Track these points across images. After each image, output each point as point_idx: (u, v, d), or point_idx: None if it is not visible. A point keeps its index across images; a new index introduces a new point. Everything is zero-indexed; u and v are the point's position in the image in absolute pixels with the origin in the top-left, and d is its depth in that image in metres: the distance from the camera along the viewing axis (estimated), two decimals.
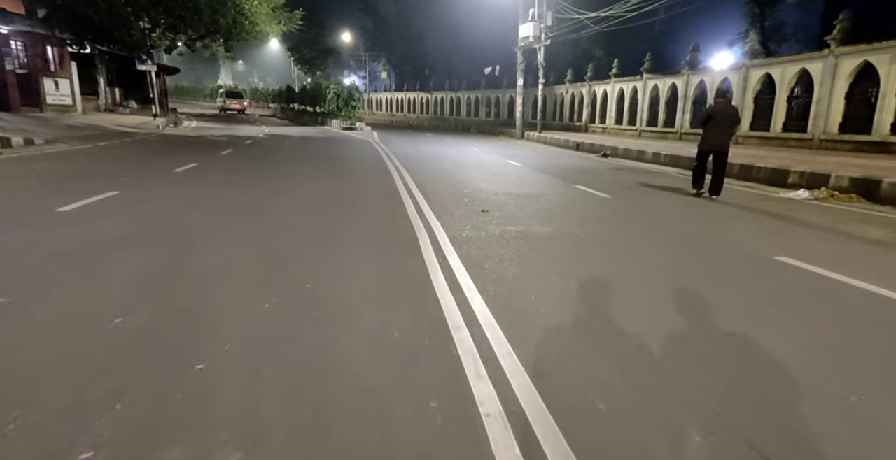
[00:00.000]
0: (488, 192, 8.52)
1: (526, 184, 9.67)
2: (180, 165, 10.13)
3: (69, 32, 17.60)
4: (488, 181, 9.88)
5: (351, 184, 9.11)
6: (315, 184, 8.81)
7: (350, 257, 4.56)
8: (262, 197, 7.40)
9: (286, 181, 9.05)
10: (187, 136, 18.32)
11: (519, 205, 7.41)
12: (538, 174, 11.36)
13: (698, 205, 7.94)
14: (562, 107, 26.33)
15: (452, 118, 40.26)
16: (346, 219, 6.22)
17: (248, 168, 10.67)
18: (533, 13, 21.51)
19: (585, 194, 8.68)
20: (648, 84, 18.66)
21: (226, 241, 4.95)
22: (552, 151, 18.02)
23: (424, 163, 12.67)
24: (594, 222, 6.58)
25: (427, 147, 18.35)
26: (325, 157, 13.58)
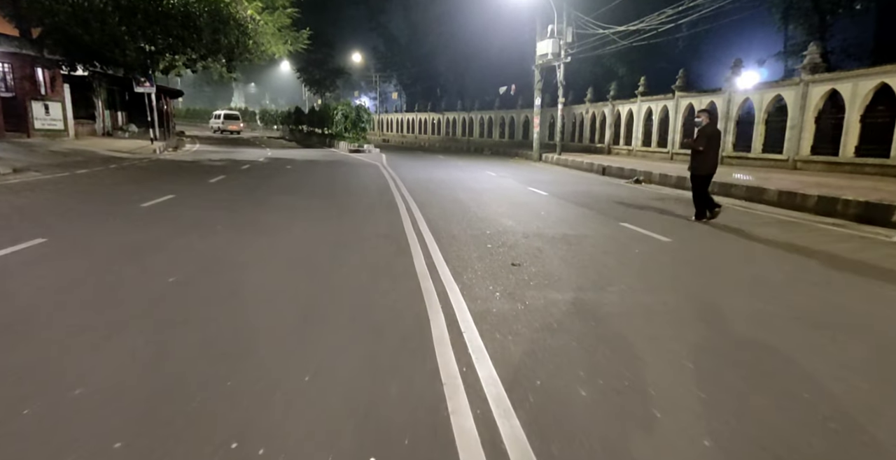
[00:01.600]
0: (515, 233, 6.94)
1: (559, 222, 8.08)
2: (153, 197, 8.70)
3: (59, 53, 16.58)
4: (513, 216, 8.31)
5: (348, 221, 7.59)
6: (305, 223, 7.30)
7: (319, 362, 2.98)
8: (233, 243, 5.89)
9: (273, 218, 7.56)
10: (182, 161, 17.07)
11: (558, 255, 5.82)
12: (570, 206, 9.77)
13: (793, 259, 6.28)
14: (581, 127, 24.85)
15: (465, 139, 39.01)
16: (334, 278, 4.66)
17: (233, 200, 9.21)
18: (552, 30, 20.23)
19: (638, 236, 7.05)
20: (681, 103, 17.06)
21: (138, 336, 3.40)
22: (576, 176, 16.47)
23: (436, 193, 11.17)
24: (669, 284, 4.94)
25: (439, 171, 16.90)
26: (326, 185, 12.14)
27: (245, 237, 6.21)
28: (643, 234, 7.05)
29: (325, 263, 5.19)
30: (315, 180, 13.20)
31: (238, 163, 16.93)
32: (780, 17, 24.27)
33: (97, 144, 18.73)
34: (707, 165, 7.72)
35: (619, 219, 8.22)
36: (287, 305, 3.95)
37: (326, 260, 5.32)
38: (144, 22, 17.08)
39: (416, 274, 4.86)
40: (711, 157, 7.67)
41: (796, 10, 23.27)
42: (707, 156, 7.66)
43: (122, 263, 4.92)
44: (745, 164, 13.93)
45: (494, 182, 14.05)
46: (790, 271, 5.47)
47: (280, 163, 18.35)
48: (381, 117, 54.34)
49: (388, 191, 11.16)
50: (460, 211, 8.75)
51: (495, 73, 38.49)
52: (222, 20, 18.86)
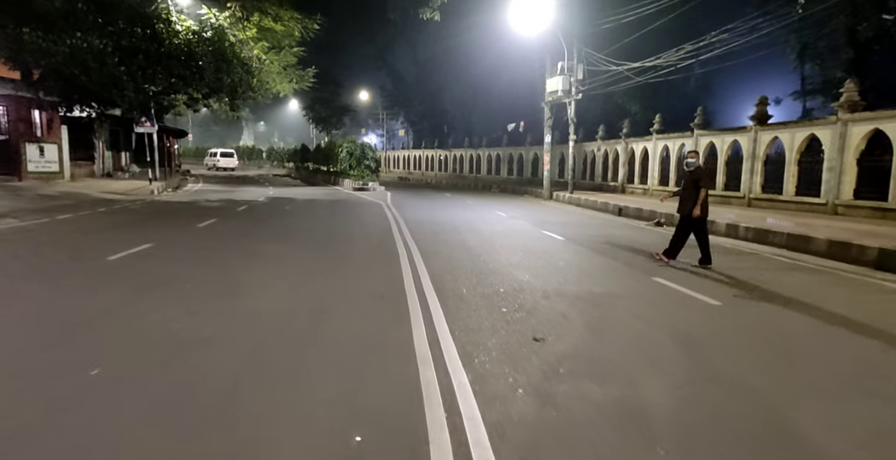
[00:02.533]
0: (533, 291, 5.95)
1: (582, 275, 7.09)
2: (128, 247, 7.82)
3: (55, 95, 16.20)
4: (529, 268, 7.33)
5: (342, 276, 6.64)
6: (292, 279, 6.35)
7: None
8: (199, 311, 4.93)
9: (255, 274, 6.63)
10: (177, 203, 16.37)
11: (589, 323, 4.80)
12: (591, 255, 8.79)
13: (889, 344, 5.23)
14: (593, 165, 24.13)
15: (472, 176, 38.47)
16: (310, 364, 3.67)
17: (216, 250, 8.32)
18: (561, 66, 19.77)
19: (679, 297, 6.02)
20: (701, 141, 16.19)
21: None
22: (590, 217, 15.54)
23: (442, 237, 10.25)
24: (742, 375, 3.89)
25: (445, 211, 16.05)
26: (323, 230, 11.27)
27: (216, 302, 5.26)
28: (684, 294, 6.01)
29: (304, 339, 4.20)
30: (312, 223, 12.36)
31: (235, 204, 16.19)
32: (796, 56, 23.84)
33: (93, 186, 18.13)
34: (706, 209, 7.52)
35: (649, 273, 7.21)
36: (240, 417, 2.95)
37: (305, 333, 4.34)
38: (145, 62, 16.74)
39: (413, 354, 3.87)
40: (705, 199, 7.47)
41: (812, 50, 22.88)
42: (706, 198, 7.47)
43: (47, 343, 3.96)
44: (777, 207, 12.90)
45: (505, 224, 13.14)
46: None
47: (279, 203, 17.61)
48: (388, 154, 54.26)
49: (390, 235, 10.25)
50: (469, 261, 7.79)
51: (503, 109, 38.29)
52: (225, 59, 18.58)
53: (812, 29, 20.48)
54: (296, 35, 23.30)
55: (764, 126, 13.76)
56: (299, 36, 23.62)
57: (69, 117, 18.74)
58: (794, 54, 23.81)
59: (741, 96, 28.24)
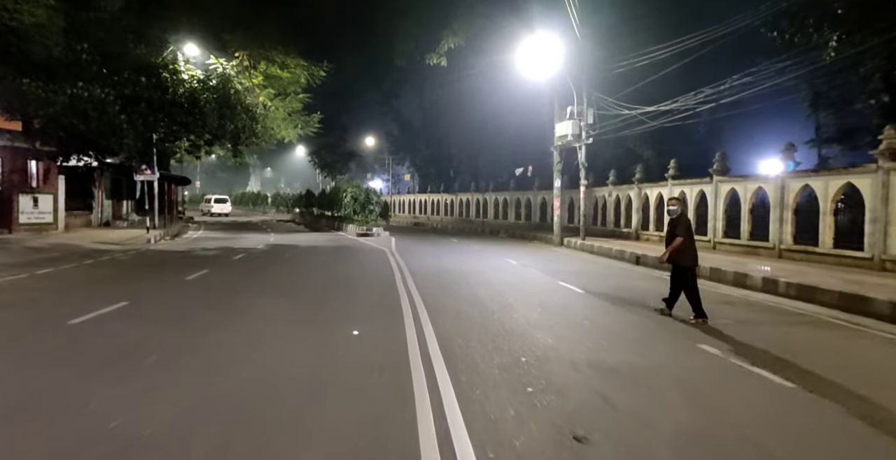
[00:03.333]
0: (561, 362, 5.01)
1: (614, 339, 6.14)
2: (98, 307, 6.97)
3: (52, 144, 15.85)
4: (550, 329, 6.40)
5: (336, 341, 5.73)
6: (277, 346, 5.45)
7: None
8: (154, 394, 4.02)
9: (235, 338, 5.74)
10: (171, 252, 15.65)
11: (639, 413, 3.84)
12: (617, 312, 7.85)
13: None
14: (604, 211, 23.40)
15: (479, 220, 37.82)
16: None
17: (199, 308, 7.45)
18: (571, 111, 19.41)
19: (737, 373, 5.00)
20: (721, 188, 15.33)
21: None
22: (606, 266, 14.63)
23: (450, 289, 9.36)
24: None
25: (452, 258, 15.20)
26: (321, 281, 10.41)
27: (178, 381, 4.35)
28: (745, 370, 4.98)
29: (278, 440, 3.27)
30: (311, 273, 11.52)
31: (232, 253, 15.43)
32: (809, 104, 23.51)
33: (87, 236, 17.51)
34: (692, 257, 7.17)
35: (690, 337, 6.23)
36: None
37: (282, 431, 3.41)
38: (148, 110, 16.46)
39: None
40: (692, 247, 7.18)
41: (825, 99, 22.59)
42: (690, 246, 7.15)
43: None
44: (813, 260, 11.85)
45: (517, 273, 12.24)
46: None
47: (279, 250, 16.86)
48: (394, 198, 54.05)
49: (394, 287, 9.37)
50: (481, 318, 6.88)
51: (511, 153, 38.11)
52: (229, 106, 18.36)
53: (824, 78, 20.22)
54: (302, 82, 23.39)
55: (793, 173, 12.87)
56: (305, 83, 23.72)
57: (68, 166, 18.34)
58: (807, 102, 23.48)
59: (752, 144, 27.75)
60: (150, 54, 17.10)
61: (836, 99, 22.41)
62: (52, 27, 13.07)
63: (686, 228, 7.20)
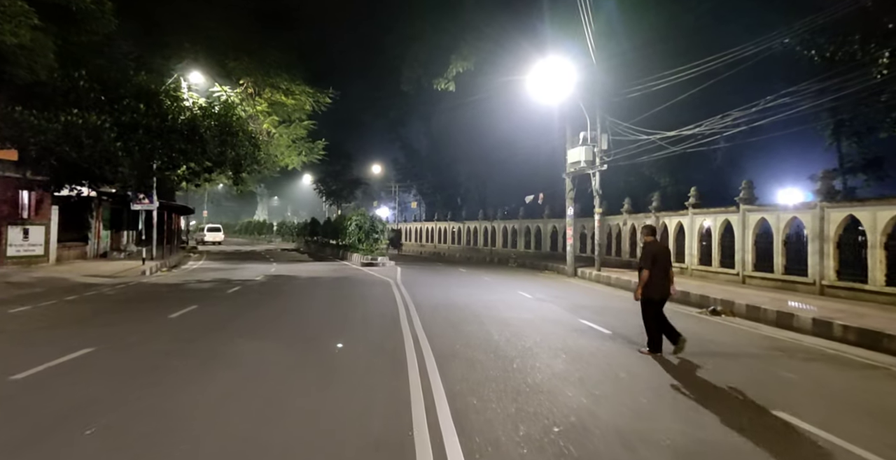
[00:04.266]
0: (606, 434, 4.02)
1: (664, 402, 5.12)
2: (57, 355, 6.05)
3: (43, 173, 15.20)
4: (583, 384, 5.41)
5: (325, 399, 4.75)
6: (250, 410, 4.48)
7: None
8: None
9: (203, 397, 4.79)
10: (164, 285, 14.80)
11: None
12: (655, 359, 6.82)
13: None
14: (618, 240, 22.43)
15: (487, 249, 36.86)
16: None
17: (173, 354, 6.51)
18: (584, 136, 18.71)
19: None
20: (750, 218, 14.29)
21: None
22: (627, 300, 13.56)
23: (460, 328, 8.40)
24: None
25: (461, 291, 14.22)
26: (317, 319, 9.45)
27: (120, 457, 3.39)
28: (855, 456, 3.94)
29: None
30: (307, 310, 10.57)
31: (227, 285, 14.54)
32: (831, 133, 22.68)
33: (78, 269, 16.72)
34: (656, 290, 6.80)
35: (762, 399, 5.17)
36: None
37: None
38: (145, 137, 15.87)
39: None
40: (659, 278, 6.82)
41: (848, 127, 21.82)
42: (654, 277, 6.78)
43: None
44: (861, 299, 10.65)
45: (532, 309, 11.24)
46: None
47: (278, 282, 15.96)
48: (400, 226, 53.36)
49: (397, 327, 8.41)
50: (499, 369, 5.89)
51: (520, 180, 37.41)
52: (230, 132, 17.80)
53: (848, 107, 19.49)
54: (307, 108, 22.98)
55: (835, 203, 11.73)
56: (310, 109, 23.30)
57: (62, 196, 17.68)
58: (829, 131, 22.66)
59: (770, 172, 26.85)
60: (152, 81, 16.63)
61: (861, 127, 21.65)
62: (40, 50, 12.58)
63: (650, 259, 6.79)
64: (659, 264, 6.79)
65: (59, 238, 17.85)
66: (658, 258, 6.81)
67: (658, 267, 6.77)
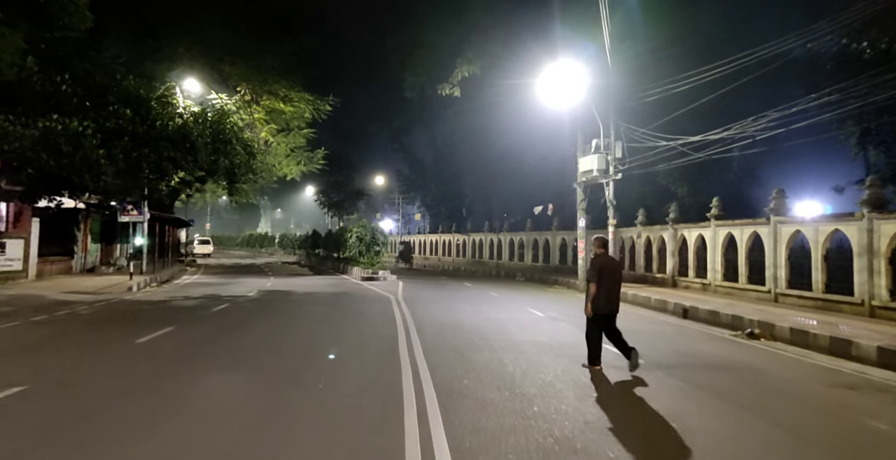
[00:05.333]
0: None
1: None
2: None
3: (20, 184, 14.22)
4: (626, 438, 4.28)
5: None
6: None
7: None
8: None
9: (142, 456, 3.69)
10: (147, 302, 13.79)
11: None
12: (708, 401, 5.70)
13: None
14: (632, 253, 21.26)
15: (493, 262, 35.71)
16: None
17: (126, 392, 5.44)
18: (597, 144, 17.67)
19: None
20: (783, 230, 13.11)
21: None
22: (649, 320, 12.44)
23: (467, 357, 7.30)
24: None
25: (467, 308, 13.11)
26: (305, 344, 8.35)
27: None
28: None
29: None
30: (296, 331, 9.48)
31: (215, 303, 13.49)
32: (856, 142, 21.50)
33: (59, 285, 15.73)
34: (604, 303, 6.65)
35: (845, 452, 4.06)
36: None
37: None
38: (131, 144, 14.91)
39: None
40: (607, 292, 6.67)
41: (875, 136, 20.69)
42: (602, 291, 6.64)
43: None
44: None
45: (547, 331, 10.11)
46: None
47: (270, 298, 14.92)
48: (411, 238, 52.38)
49: (395, 354, 7.31)
50: (517, 414, 4.79)
51: (527, 191, 36.29)
52: (223, 140, 16.85)
53: (874, 114, 18.43)
54: (306, 116, 22.11)
55: (886, 214, 10.30)
56: (310, 117, 22.43)
57: (44, 208, 16.68)
58: (854, 140, 21.47)
59: (787, 184, 25.63)
60: (141, 86, 15.73)
61: (888, 136, 20.54)
62: (3, 46, 11.65)
63: (597, 272, 6.62)
64: (607, 278, 6.64)
65: (41, 252, 16.87)
66: (606, 272, 6.66)
67: (606, 281, 6.62)
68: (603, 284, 6.62)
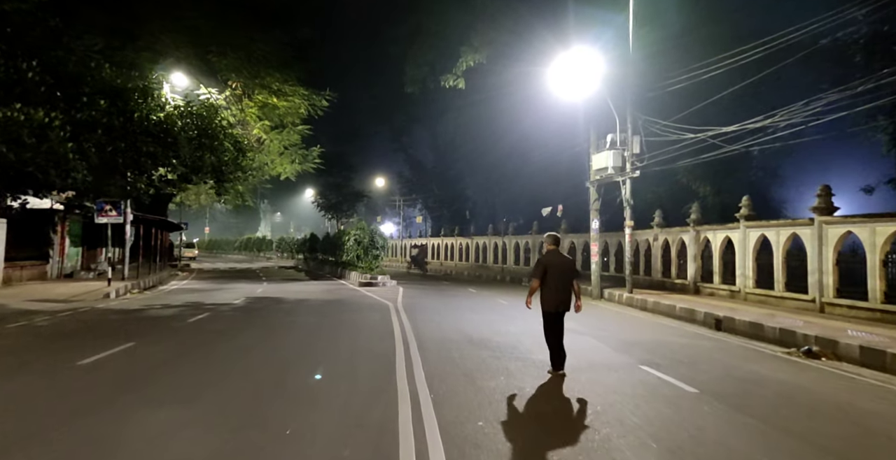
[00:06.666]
0: None
1: None
2: None
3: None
4: None
5: None
6: None
7: None
8: None
9: None
10: (118, 311, 12.50)
11: None
12: (807, 454, 4.32)
13: None
14: (648, 257, 19.87)
15: (497, 267, 34.35)
16: None
17: (30, 439, 4.09)
18: (612, 139, 16.34)
19: None
20: (830, 232, 11.62)
21: None
22: (678, 332, 11.07)
23: (478, 381, 6.00)
24: None
25: (474, 318, 11.75)
26: (282, 365, 6.97)
27: None
28: None
29: None
30: (275, 348, 8.11)
31: (195, 311, 12.17)
32: (890, 138, 20.08)
33: (27, 293, 14.41)
34: (554, 300, 6.52)
35: None
36: None
37: None
38: (106, 138, 13.64)
39: None
40: (555, 290, 6.52)
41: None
42: (549, 288, 6.53)
43: None
44: None
45: (569, 346, 8.67)
46: None
47: (258, 306, 13.59)
48: (405, 242, 51.05)
49: (390, 380, 5.95)
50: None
51: (533, 192, 34.97)
52: (209, 135, 15.57)
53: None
54: (301, 112, 20.84)
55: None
56: (305, 113, 21.17)
57: (13, 208, 15.34)
58: (887, 136, 20.06)
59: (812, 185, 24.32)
60: (119, 76, 14.46)
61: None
62: None
63: (541, 270, 6.57)
64: (554, 276, 6.54)
65: (9, 256, 15.54)
66: (552, 270, 6.56)
67: (553, 279, 6.54)
68: (550, 282, 6.53)
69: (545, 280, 6.55)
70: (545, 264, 6.63)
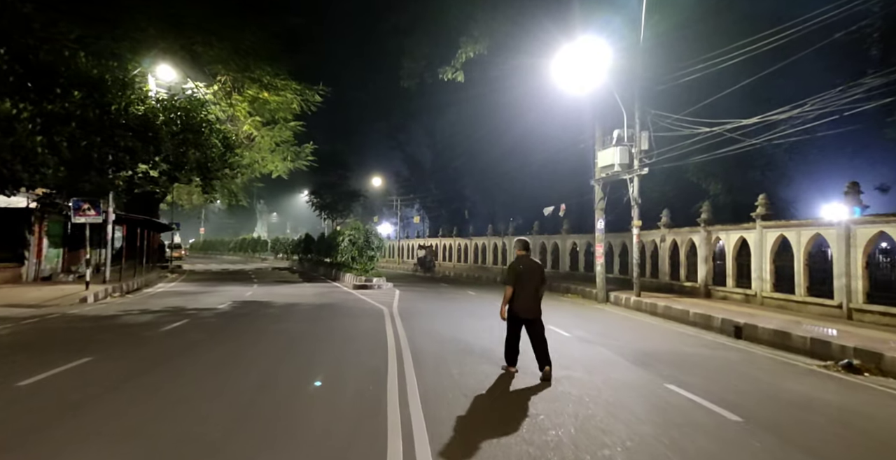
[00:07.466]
0: None
1: None
2: None
3: None
4: None
5: None
6: None
7: None
8: None
9: None
10: (90, 318, 11.62)
11: None
12: None
13: None
14: (654, 259, 19.03)
15: (497, 268, 33.49)
16: None
17: None
18: (619, 135, 15.51)
19: None
20: (859, 232, 10.68)
21: None
22: (695, 340, 10.23)
23: (478, 399, 5.09)
24: None
25: (474, 324, 10.87)
26: (258, 380, 6.09)
27: None
28: None
29: None
30: (252, 362, 7.22)
31: (174, 318, 11.28)
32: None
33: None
34: (525, 306, 6.55)
35: None
36: None
37: None
38: (80, 132, 12.75)
39: None
40: (525, 296, 6.55)
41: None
42: (520, 295, 6.54)
43: None
44: None
45: (580, 358, 7.87)
46: None
47: (244, 311, 12.73)
48: (402, 243, 50.19)
49: (381, 405, 5.08)
50: None
51: (534, 192, 34.07)
52: (193, 130, 14.69)
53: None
54: (293, 107, 19.97)
55: None
56: (298, 109, 20.30)
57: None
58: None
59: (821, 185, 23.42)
60: (95, 66, 13.58)
61: None
62: None
63: (514, 276, 6.59)
64: (525, 282, 6.57)
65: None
66: (524, 275, 6.59)
67: (525, 284, 6.56)
68: (520, 289, 6.54)
69: (516, 286, 6.54)
70: (517, 271, 6.64)
